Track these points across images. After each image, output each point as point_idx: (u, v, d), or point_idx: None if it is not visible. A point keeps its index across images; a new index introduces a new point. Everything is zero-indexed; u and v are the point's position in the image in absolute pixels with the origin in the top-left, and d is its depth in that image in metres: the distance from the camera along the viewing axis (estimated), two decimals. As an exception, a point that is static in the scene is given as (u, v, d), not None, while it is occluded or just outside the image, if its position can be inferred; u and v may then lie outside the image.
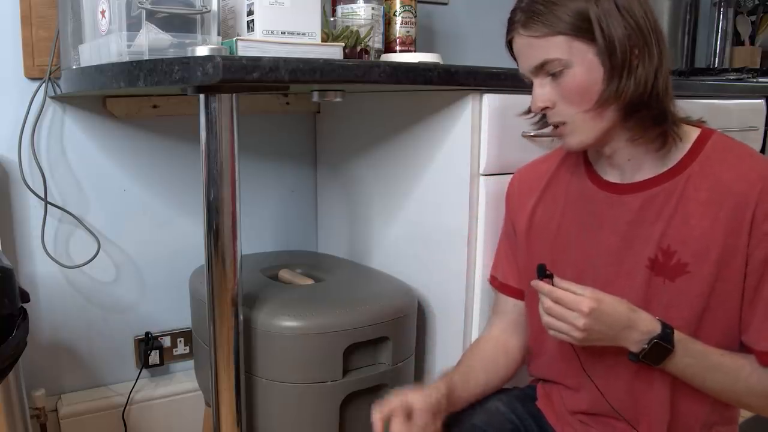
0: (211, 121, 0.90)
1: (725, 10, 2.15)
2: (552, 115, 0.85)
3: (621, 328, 0.80)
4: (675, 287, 0.83)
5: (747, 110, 1.60)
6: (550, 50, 0.81)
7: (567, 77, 0.81)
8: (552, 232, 0.96)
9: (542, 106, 0.85)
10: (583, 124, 0.83)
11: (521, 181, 1.04)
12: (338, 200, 1.58)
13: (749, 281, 0.81)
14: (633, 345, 0.81)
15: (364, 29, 1.29)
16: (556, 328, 0.82)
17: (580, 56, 0.80)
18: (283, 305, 1.11)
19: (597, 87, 0.80)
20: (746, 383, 0.82)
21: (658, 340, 0.80)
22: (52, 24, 1.28)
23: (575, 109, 0.82)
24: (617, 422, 0.91)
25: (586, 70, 0.80)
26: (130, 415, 1.46)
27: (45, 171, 1.33)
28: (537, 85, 0.85)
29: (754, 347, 0.82)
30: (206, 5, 0.98)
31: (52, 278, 1.40)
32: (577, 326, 0.79)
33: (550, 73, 0.82)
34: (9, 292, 0.89)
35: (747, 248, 0.80)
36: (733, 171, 0.82)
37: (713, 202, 0.82)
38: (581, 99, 0.81)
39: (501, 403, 0.98)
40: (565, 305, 0.80)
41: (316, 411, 1.09)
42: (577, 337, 0.80)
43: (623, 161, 0.88)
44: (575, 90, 0.81)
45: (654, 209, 0.85)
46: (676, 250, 0.83)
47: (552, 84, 0.83)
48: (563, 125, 0.85)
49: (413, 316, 1.21)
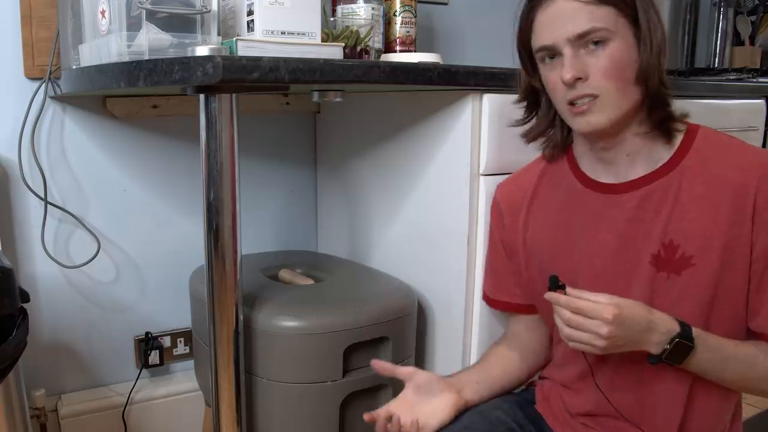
0: (211, 121, 0.90)
1: (725, 10, 2.15)
2: (584, 87, 0.82)
3: (642, 331, 0.79)
4: (682, 281, 0.83)
5: (747, 110, 1.60)
6: (600, 19, 0.80)
7: (610, 49, 0.81)
8: (547, 242, 0.95)
9: (577, 76, 0.82)
10: (615, 99, 0.82)
11: (505, 200, 1.03)
12: (338, 200, 1.58)
13: (755, 268, 0.81)
14: (654, 347, 0.80)
15: (364, 29, 1.29)
16: (578, 339, 0.79)
17: (623, 32, 0.81)
18: (283, 305, 1.11)
19: (634, 65, 0.81)
20: (763, 368, 0.82)
21: (680, 339, 0.79)
22: (52, 24, 1.28)
23: (611, 84, 0.81)
24: (620, 423, 0.90)
25: (626, 46, 0.81)
26: (130, 415, 1.46)
27: (45, 171, 1.33)
28: (570, 56, 0.82)
29: (764, 332, 0.82)
30: (206, 5, 0.98)
31: (52, 278, 1.40)
32: (601, 334, 0.77)
33: (592, 42, 0.81)
34: (9, 292, 0.89)
35: (751, 236, 0.80)
36: (727, 162, 0.83)
37: (711, 195, 0.82)
38: (620, 73, 0.81)
39: (501, 412, 0.97)
40: (585, 315, 0.78)
41: (316, 411, 1.09)
42: (600, 346, 0.78)
43: (621, 157, 0.87)
44: (616, 63, 0.81)
45: (652, 206, 0.85)
46: (679, 244, 0.83)
47: (589, 55, 0.81)
48: (593, 100, 0.82)
49: (413, 316, 1.21)
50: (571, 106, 0.84)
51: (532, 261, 0.98)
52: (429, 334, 1.30)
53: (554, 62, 0.84)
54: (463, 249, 1.16)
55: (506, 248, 1.03)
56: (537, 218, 0.97)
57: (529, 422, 0.98)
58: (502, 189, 1.05)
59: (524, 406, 1.00)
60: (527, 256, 0.99)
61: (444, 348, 1.26)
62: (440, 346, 1.27)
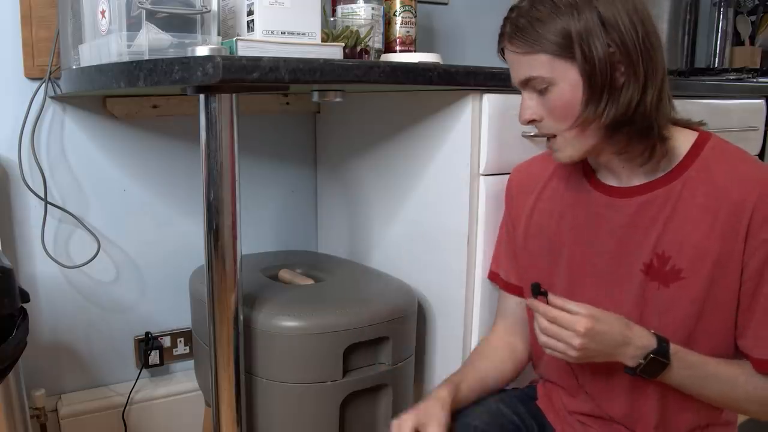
0: (211, 121, 0.90)
1: (725, 10, 2.15)
2: (540, 128, 0.85)
3: (616, 345, 0.80)
4: (669, 293, 0.83)
5: (747, 110, 1.60)
6: (534, 67, 0.80)
7: (552, 94, 0.81)
8: (550, 233, 0.96)
9: (529, 119, 0.84)
10: (569, 140, 0.83)
11: (520, 180, 1.04)
12: (338, 200, 1.58)
13: (745, 288, 0.80)
14: (629, 360, 0.81)
15: (364, 29, 1.29)
16: (552, 347, 0.81)
17: (563, 74, 0.79)
18: (283, 305, 1.11)
19: (580, 106, 0.79)
20: (744, 390, 0.82)
21: (654, 355, 0.79)
22: (52, 24, 1.28)
23: (560, 126, 0.82)
24: (616, 424, 0.91)
25: (570, 88, 0.79)
26: (130, 415, 1.46)
27: (45, 171, 1.33)
28: (525, 98, 0.84)
29: (750, 354, 0.82)
30: (206, 5, 0.98)
31: (52, 278, 1.40)
32: (573, 345, 0.79)
33: (536, 89, 0.82)
34: (9, 292, 0.89)
35: (743, 255, 0.79)
36: (730, 176, 0.81)
37: (709, 207, 0.81)
38: (565, 116, 0.81)
39: (503, 404, 0.98)
40: (560, 325, 0.80)
41: (316, 411, 1.09)
42: (573, 356, 0.80)
43: (618, 168, 0.88)
44: (559, 107, 0.81)
45: (650, 214, 0.85)
46: (671, 256, 0.83)
47: (539, 98, 0.83)
48: (554, 138, 0.85)
49: (413, 316, 1.21)
50: (547, 139, 0.87)
51: (532, 248, 0.98)
52: (429, 334, 1.30)
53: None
54: (463, 249, 1.16)
55: (509, 227, 1.05)
56: (544, 207, 0.98)
57: (530, 416, 0.98)
58: (519, 169, 1.06)
59: (526, 401, 1.01)
60: (527, 242, 0.99)
61: (444, 348, 1.26)
62: (440, 346, 1.27)
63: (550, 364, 0.98)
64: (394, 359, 1.15)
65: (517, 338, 1.04)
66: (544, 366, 1.01)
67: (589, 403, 0.93)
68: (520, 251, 1.01)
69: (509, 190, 1.06)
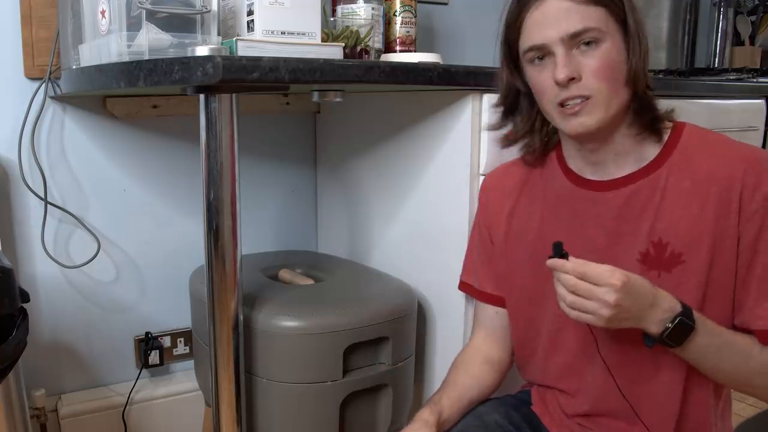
0: (211, 121, 0.90)
1: (725, 10, 2.15)
2: (576, 88, 0.82)
3: (647, 305, 0.77)
4: (672, 278, 0.83)
5: (747, 110, 1.60)
6: (592, 19, 0.80)
7: (602, 50, 0.81)
8: (532, 235, 0.95)
9: (570, 76, 0.81)
10: (606, 100, 0.82)
11: (495, 187, 1.03)
12: (338, 200, 1.58)
13: (741, 260, 0.81)
14: (655, 325, 0.77)
15: (364, 29, 1.29)
16: (582, 307, 0.76)
17: (614, 33, 0.82)
18: (283, 305, 1.11)
19: (623, 66, 0.82)
20: (758, 362, 0.81)
21: (683, 317, 0.77)
22: (52, 24, 1.28)
23: (603, 84, 0.81)
24: (616, 423, 0.91)
25: (617, 48, 0.82)
26: (130, 415, 1.46)
27: (45, 171, 1.33)
28: (563, 55, 0.81)
29: (750, 327, 0.82)
30: (206, 5, 0.98)
31: (52, 278, 1.40)
32: (608, 302, 0.74)
33: (584, 43, 0.81)
34: (9, 292, 0.89)
35: (737, 228, 0.80)
36: (714, 158, 0.83)
37: (698, 191, 0.82)
38: (611, 74, 0.81)
39: (498, 415, 0.97)
40: (592, 281, 0.75)
41: (316, 411, 1.09)
42: (605, 316, 0.74)
43: (609, 156, 0.87)
44: (608, 64, 0.81)
45: (638, 204, 0.85)
46: (668, 242, 0.83)
47: (581, 56, 0.81)
48: (585, 101, 0.82)
49: (413, 316, 1.21)
50: (562, 107, 0.83)
51: (513, 253, 0.98)
52: (429, 334, 1.30)
53: (544, 63, 0.84)
54: (463, 249, 1.16)
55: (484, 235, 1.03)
56: (524, 210, 0.97)
57: (525, 423, 0.97)
58: (492, 177, 1.05)
59: (520, 407, 1.00)
60: (508, 248, 0.98)
61: (444, 348, 1.26)
62: (440, 346, 1.27)
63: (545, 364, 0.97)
64: (394, 359, 1.15)
65: (496, 347, 1.03)
66: (535, 370, 1.00)
67: (589, 402, 0.92)
68: (499, 259, 1.00)
69: (483, 197, 1.04)
